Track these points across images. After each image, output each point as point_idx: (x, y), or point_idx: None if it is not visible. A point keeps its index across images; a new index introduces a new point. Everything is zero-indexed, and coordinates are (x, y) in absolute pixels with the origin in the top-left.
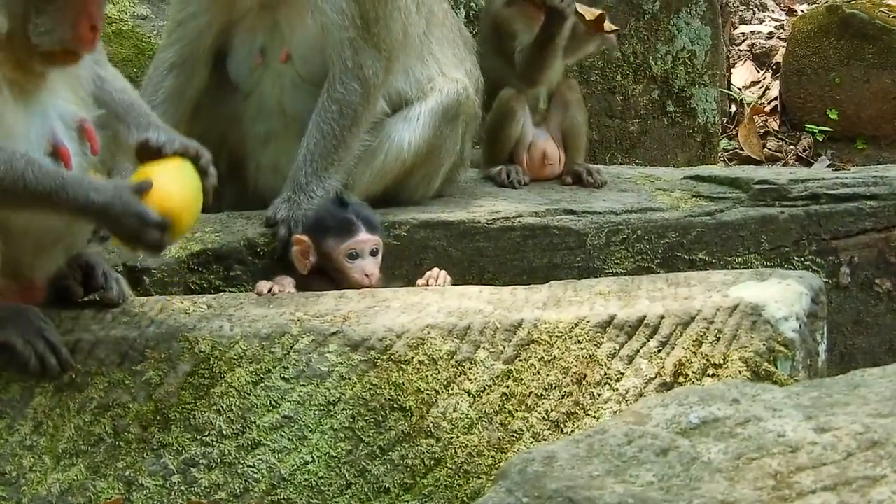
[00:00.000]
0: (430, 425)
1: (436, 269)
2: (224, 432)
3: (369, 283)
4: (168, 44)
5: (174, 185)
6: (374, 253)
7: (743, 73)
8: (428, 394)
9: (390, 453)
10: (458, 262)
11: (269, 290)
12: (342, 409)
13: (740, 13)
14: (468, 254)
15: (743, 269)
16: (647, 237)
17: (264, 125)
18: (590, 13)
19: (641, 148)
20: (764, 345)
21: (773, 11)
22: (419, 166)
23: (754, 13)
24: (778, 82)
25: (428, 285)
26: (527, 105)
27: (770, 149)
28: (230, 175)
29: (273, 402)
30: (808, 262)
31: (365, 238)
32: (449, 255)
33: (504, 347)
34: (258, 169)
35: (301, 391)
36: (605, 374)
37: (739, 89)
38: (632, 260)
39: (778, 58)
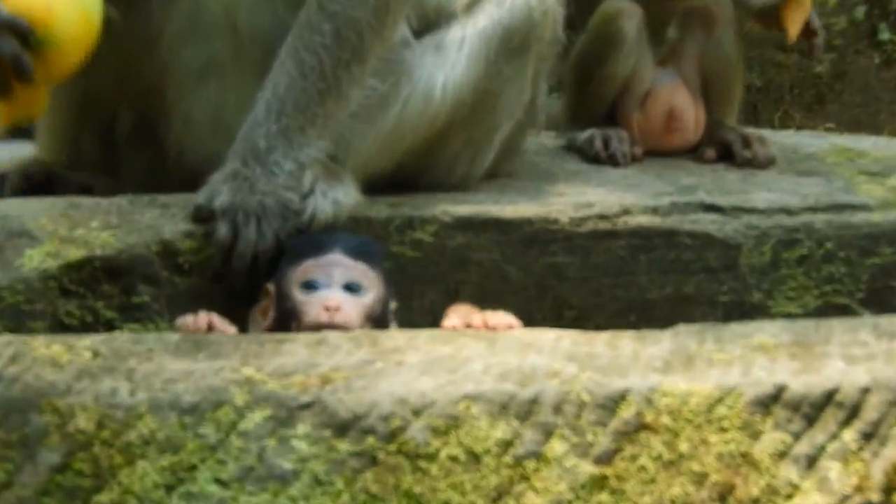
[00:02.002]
0: None
1: (490, 313)
2: None
3: (331, 323)
4: None
5: None
6: (351, 288)
7: None
8: None
9: None
10: (520, 289)
11: (201, 327)
12: None
13: None
14: (537, 275)
15: None
16: (844, 254)
17: (199, 51)
18: None
19: (835, 103)
20: None
21: None
22: (459, 127)
23: None
24: None
25: (469, 328)
26: (643, 28)
27: None
28: (137, 134)
29: None
30: None
31: (334, 260)
32: (505, 277)
33: (596, 436)
34: (185, 124)
35: (247, 503)
36: (769, 485)
37: None
38: (816, 291)
39: None
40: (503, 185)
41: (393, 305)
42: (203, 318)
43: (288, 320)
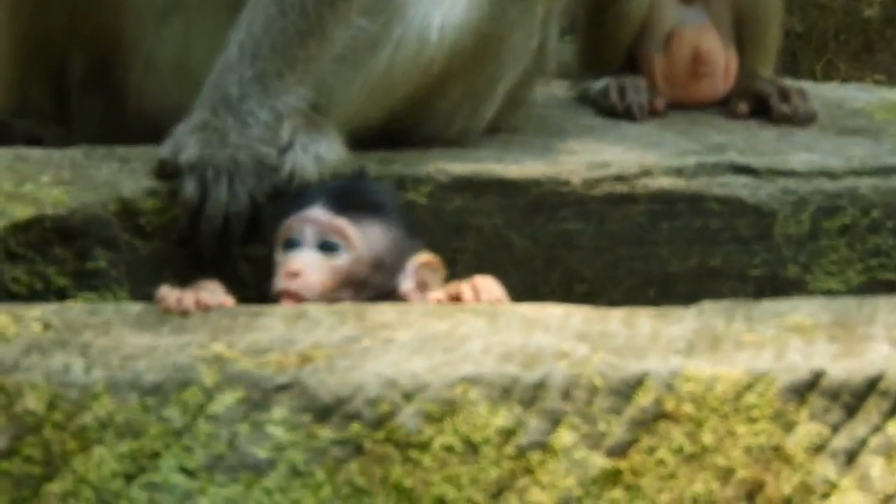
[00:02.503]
0: None
1: (478, 277)
2: None
3: (287, 293)
4: None
5: None
6: (327, 247)
7: None
8: None
9: None
10: (526, 259)
11: (186, 305)
12: None
13: None
14: (545, 243)
15: None
16: (892, 224)
17: None
18: None
19: (886, 51)
20: None
21: None
22: (457, 74)
23: None
24: None
25: (459, 300)
26: None
27: None
28: (91, 79)
29: None
30: None
31: (310, 215)
32: (508, 245)
33: (609, 426)
34: (146, 68)
35: (218, 496)
36: (803, 483)
37: None
38: (860, 266)
39: None
40: (507, 140)
41: (415, 266)
42: (190, 297)
43: None
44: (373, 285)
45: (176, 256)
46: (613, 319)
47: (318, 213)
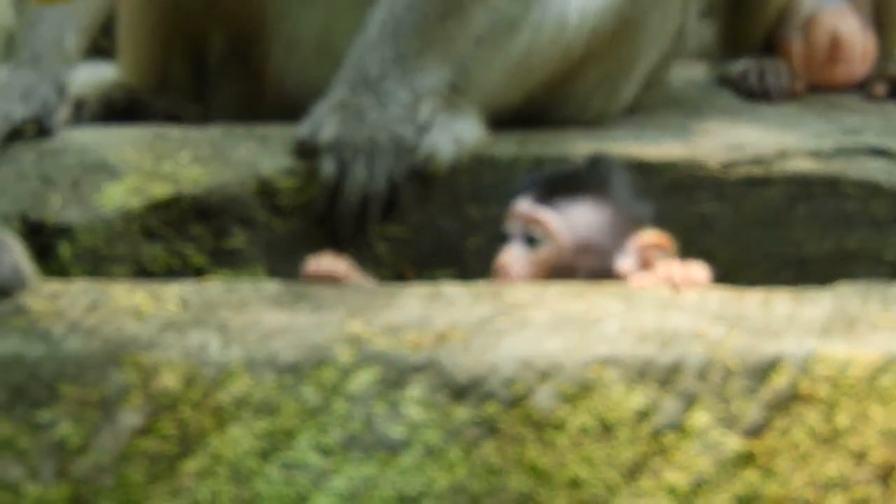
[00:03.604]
0: None
1: (692, 263)
2: None
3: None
4: None
5: None
6: (531, 239)
7: None
8: (596, 490)
9: None
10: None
11: (331, 274)
12: None
13: None
14: (681, 225)
15: None
16: None
17: None
18: None
19: None
20: None
21: None
22: (596, 57)
23: None
24: None
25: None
26: None
27: None
28: (231, 58)
29: (297, 494)
30: None
31: (517, 207)
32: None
33: (744, 407)
34: (288, 48)
35: (353, 475)
36: None
37: None
38: None
39: None
40: (644, 121)
41: (635, 246)
42: (331, 262)
43: None
44: (585, 268)
45: (313, 236)
46: (749, 301)
47: (522, 205)
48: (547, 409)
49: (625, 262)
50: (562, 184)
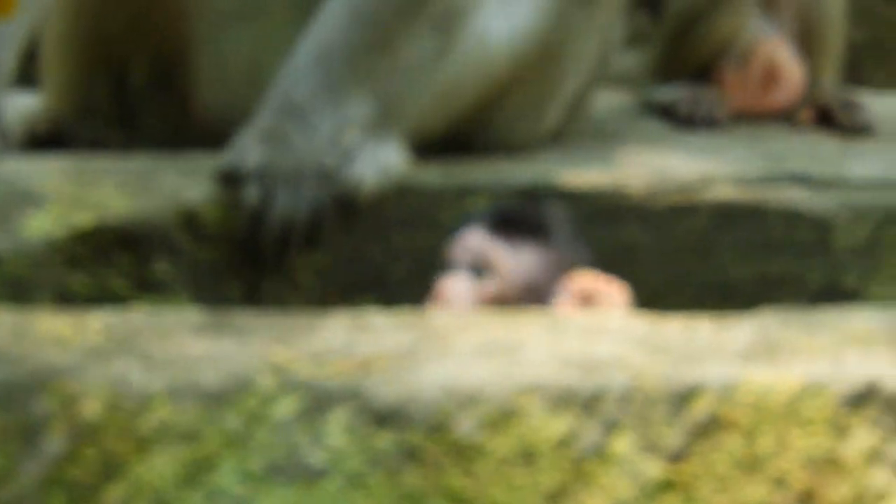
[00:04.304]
0: None
1: (612, 283)
2: None
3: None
4: None
5: None
6: (478, 271)
7: None
8: None
9: None
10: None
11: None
12: None
13: None
14: (606, 251)
15: None
16: None
17: None
18: None
19: None
20: None
21: None
22: (519, 84)
23: None
24: None
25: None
26: None
27: None
28: (155, 82)
29: None
30: None
31: (467, 237)
32: None
33: (666, 433)
34: (213, 71)
35: (274, 501)
36: (857, 491)
37: None
38: None
39: None
40: (568, 148)
41: (566, 288)
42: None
43: None
44: (525, 305)
45: (237, 264)
46: (672, 327)
47: (475, 237)
48: (469, 437)
49: (559, 302)
50: (513, 220)
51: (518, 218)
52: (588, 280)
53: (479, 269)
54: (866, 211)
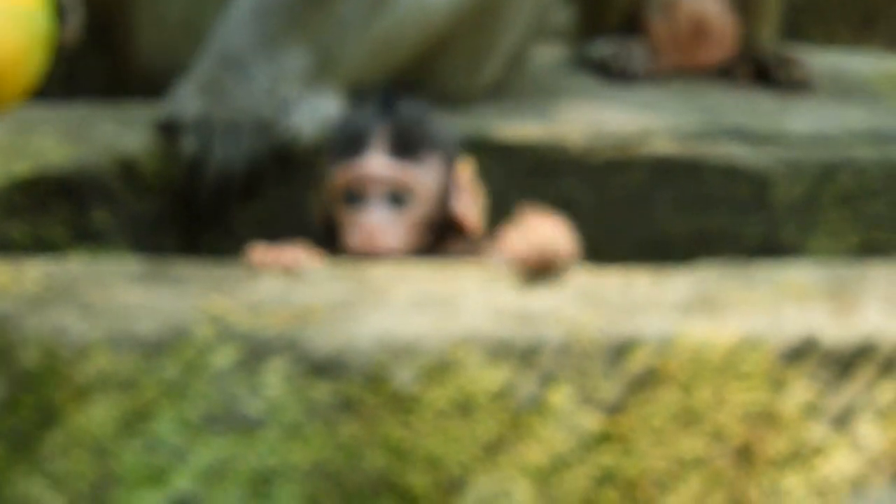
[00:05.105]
0: None
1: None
2: None
3: (370, 248)
4: None
5: None
6: (396, 199)
7: None
8: (452, 469)
9: None
10: None
11: (283, 264)
12: (287, 493)
13: None
14: (544, 206)
15: None
16: (889, 190)
17: None
18: None
19: (888, 20)
20: None
21: None
22: (457, 36)
23: None
24: None
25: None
26: None
27: None
28: (93, 30)
29: (157, 470)
30: None
31: (372, 167)
32: (507, 209)
33: (603, 386)
34: (151, 22)
35: (212, 452)
36: (794, 444)
37: None
38: (858, 231)
39: None
40: (505, 102)
41: (463, 181)
42: (276, 254)
43: (335, 234)
44: (436, 218)
45: (175, 214)
46: (610, 281)
47: (378, 167)
48: (406, 387)
49: (460, 203)
50: (407, 136)
51: (409, 132)
52: (468, 168)
53: (397, 196)
54: (803, 166)
